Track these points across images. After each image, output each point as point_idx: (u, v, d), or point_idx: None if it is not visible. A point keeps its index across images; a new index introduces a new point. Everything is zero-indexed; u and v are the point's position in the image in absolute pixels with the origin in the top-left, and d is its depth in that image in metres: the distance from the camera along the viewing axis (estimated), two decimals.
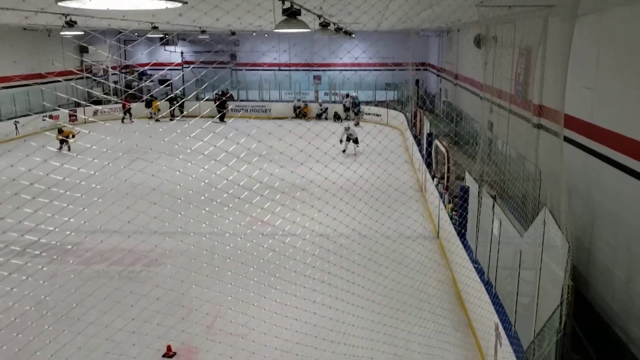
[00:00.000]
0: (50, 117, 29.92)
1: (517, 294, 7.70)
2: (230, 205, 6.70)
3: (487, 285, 9.19)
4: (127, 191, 6.36)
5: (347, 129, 22.98)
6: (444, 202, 13.69)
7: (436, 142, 16.29)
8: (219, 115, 32.14)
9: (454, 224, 12.06)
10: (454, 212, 12.51)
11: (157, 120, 32.42)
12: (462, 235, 11.41)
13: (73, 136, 23.38)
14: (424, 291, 10.67)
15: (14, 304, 5.41)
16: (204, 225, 6.89)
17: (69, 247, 12.00)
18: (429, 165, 17.12)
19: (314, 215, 8.20)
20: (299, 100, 35.40)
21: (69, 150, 23.04)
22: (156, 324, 7.48)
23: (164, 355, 8.84)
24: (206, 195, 6.76)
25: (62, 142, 23.05)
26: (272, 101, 36.30)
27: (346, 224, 8.45)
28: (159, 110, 33.03)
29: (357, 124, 31.54)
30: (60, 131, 23.41)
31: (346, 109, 33.85)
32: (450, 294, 11.28)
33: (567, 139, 10.25)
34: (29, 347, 5.62)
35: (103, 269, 11.94)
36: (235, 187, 6.76)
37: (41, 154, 4.94)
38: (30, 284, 6.30)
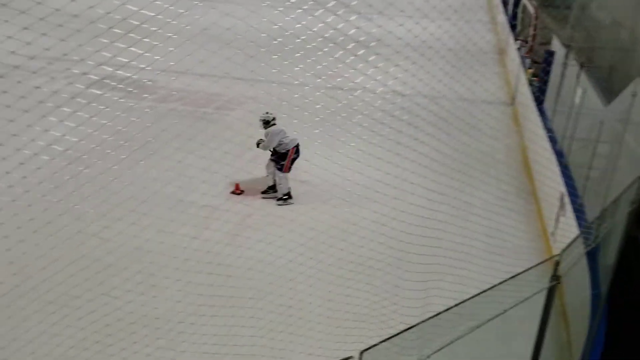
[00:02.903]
0: None
1: (590, 167, 7.49)
2: (301, 53, 6.58)
3: (559, 155, 8.95)
4: (201, 31, 6.33)
5: None
6: (524, 66, 13.04)
7: (524, 1, 15.20)
8: None
9: (532, 91, 11.57)
10: (534, 78, 11.96)
11: None
12: (540, 102, 10.98)
13: None
14: (492, 156, 10.54)
15: (94, 132, 5.70)
16: (273, 71, 6.85)
17: (145, 81, 12.26)
18: (513, 26, 16.14)
19: (389, 70, 7.98)
20: None
21: None
22: (225, 163, 7.80)
23: (232, 192, 9.33)
24: (279, 40, 6.63)
25: None
26: None
27: (419, 78, 8.22)
28: None
29: None
30: None
31: None
32: (518, 161, 11.11)
33: None
34: (109, 173, 6.02)
35: (176, 108, 12.33)
36: (307, 32, 6.56)
37: None
38: (108, 114, 6.58)
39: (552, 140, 9.52)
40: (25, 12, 4.85)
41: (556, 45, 10.60)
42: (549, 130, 9.93)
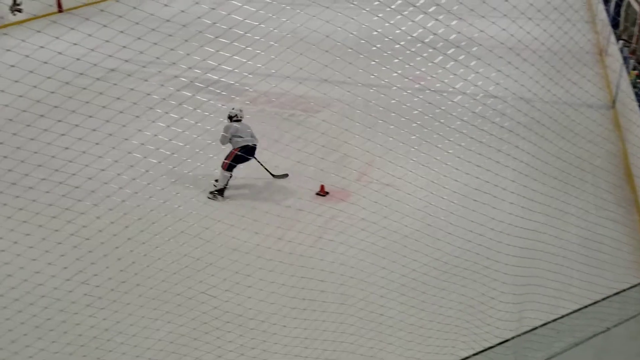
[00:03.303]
0: None
1: None
2: (400, 58, 6.50)
3: None
4: (291, 34, 6.39)
5: None
6: (627, 68, 12.33)
7: None
8: None
9: (636, 93, 10.93)
10: (638, 80, 11.30)
11: None
12: None
13: None
14: (590, 162, 10.05)
15: (197, 137, 5.91)
16: (372, 77, 6.83)
17: (233, 84, 12.55)
18: (615, 25, 15.29)
19: (491, 75, 7.75)
20: None
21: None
22: (310, 164, 7.86)
23: (317, 193, 9.39)
24: (378, 46, 6.57)
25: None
26: None
27: (521, 83, 7.95)
28: None
29: None
30: None
31: None
32: (619, 168, 10.54)
33: None
34: (210, 176, 6.21)
35: (263, 109, 12.55)
36: (407, 37, 6.48)
37: None
38: (211, 120, 6.79)
39: None
40: (122, 16, 5.08)
41: None
42: None
